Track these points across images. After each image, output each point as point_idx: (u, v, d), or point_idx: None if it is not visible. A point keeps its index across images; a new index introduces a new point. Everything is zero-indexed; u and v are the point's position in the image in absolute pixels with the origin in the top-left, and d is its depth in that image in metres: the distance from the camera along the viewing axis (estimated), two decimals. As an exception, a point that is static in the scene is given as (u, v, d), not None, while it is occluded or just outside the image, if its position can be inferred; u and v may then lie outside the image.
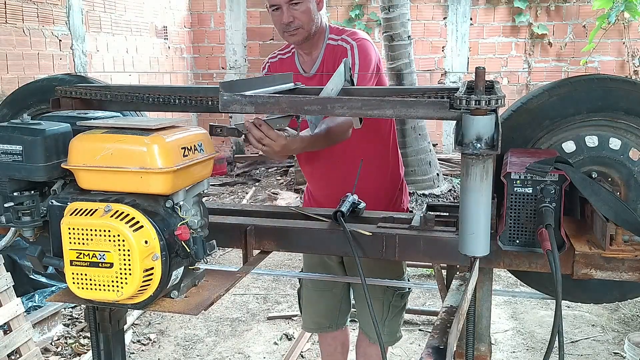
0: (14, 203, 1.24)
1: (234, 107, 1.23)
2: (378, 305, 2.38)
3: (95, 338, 1.66)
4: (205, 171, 1.35)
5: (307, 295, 2.57)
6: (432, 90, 1.51)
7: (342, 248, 1.50)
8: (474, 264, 1.19)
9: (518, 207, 1.34)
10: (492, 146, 1.08)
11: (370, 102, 1.15)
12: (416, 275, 5.00)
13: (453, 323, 0.90)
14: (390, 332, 2.44)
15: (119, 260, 1.17)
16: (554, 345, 1.23)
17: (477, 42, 8.01)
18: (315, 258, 2.46)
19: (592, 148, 1.59)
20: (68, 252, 1.19)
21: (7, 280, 3.30)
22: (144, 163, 1.19)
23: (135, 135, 1.21)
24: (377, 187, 2.18)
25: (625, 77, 1.64)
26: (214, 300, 1.30)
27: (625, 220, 1.33)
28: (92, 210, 1.19)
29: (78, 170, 1.23)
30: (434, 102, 1.17)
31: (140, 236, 1.17)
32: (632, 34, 7.49)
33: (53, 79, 1.84)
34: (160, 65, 7.67)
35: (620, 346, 3.63)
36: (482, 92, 1.09)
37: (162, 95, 1.50)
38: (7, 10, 5.05)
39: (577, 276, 1.37)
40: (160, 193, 1.23)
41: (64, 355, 3.73)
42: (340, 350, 2.71)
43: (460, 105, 1.10)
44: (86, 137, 1.23)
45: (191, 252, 1.25)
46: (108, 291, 1.18)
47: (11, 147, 1.23)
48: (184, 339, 3.99)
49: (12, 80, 5.11)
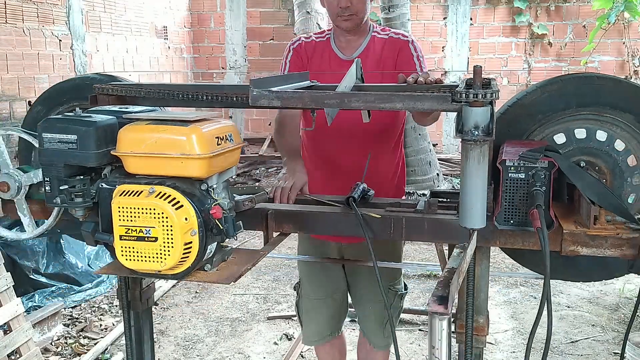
0: (68, 186, 1.46)
1: (262, 102, 1.45)
2: (379, 307, 2.54)
3: (127, 315, 1.87)
4: (234, 159, 1.57)
5: (308, 305, 2.64)
6: (435, 87, 1.74)
7: (354, 230, 1.70)
8: (472, 235, 1.41)
9: (512, 190, 1.54)
10: (488, 133, 1.30)
11: (382, 96, 1.37)
12: (416, 275, 5.15)
13: (454, 278, 1.12)
14: (389, 334, 2.58)
15: (162, 235, 1.37)
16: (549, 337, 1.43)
17: (477, 42, 8.16)
18: (316, 265, 2.59)
19: (580, 140, 1.77)
20: (118, 228, 1.39)
21: (7, 280, 3.40)
22: (184, 150, 1.41)
23: (176, 126, 1.43)
24: (384, 180, 2.36)
25: (610, 75, 1.85)
26: (242, 273, 1.51)
27: (607, 202, 1.54)
28: (138, 191, 1.40)
29: (126, 157, 1.44)
30: (438, 96, 1.40)
31: (181, 214, 1.38)
32: (632, 34, 7.65)
33: (85, 77, 2.06)
34: (160, 65, 7.80)
35: (620, 346, 3.62)
36: (479, 87, 1.32)
37: (191, 92, 1.72)
38: (7, 10, 5.18)
39: (565, 252, 1.57)
40: (197, 177, 1.44)
41: (64, 355, 3.84)
42: (338, 357, 2.81)
43: (461, 99, 1.32)
44: (133, 127, 1.45)
45: (223, 229, 1.46)
46: (153, 262, 1.39)
47: (67, 136, 1.44)
48: (184, 339, 4.09)
49: (12, 80, 5.25)
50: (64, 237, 4.73)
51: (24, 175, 1.74)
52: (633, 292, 4.61)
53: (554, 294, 4.72)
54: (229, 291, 4.92)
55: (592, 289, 4.84)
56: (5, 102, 5.19)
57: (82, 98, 1.96)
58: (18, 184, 1.72)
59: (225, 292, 4.91)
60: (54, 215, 1.69)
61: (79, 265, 4.75)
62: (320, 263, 2.55)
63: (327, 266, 2.56)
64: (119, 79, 1.99)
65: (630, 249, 1.51)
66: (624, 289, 4.67)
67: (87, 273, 4.79)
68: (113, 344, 3.97)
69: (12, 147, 4.62)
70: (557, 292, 4.75)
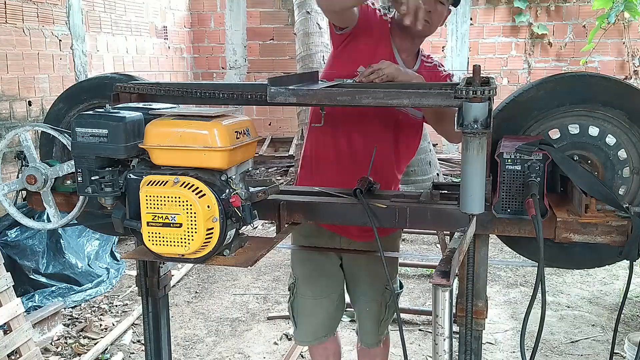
0: (99, 177, 1.62)
1: (279, 99, 1.62)
2: (376, 306, 2.64)
3: (146, 302, 2.03)
4: (251, 152, 1.73)
5: (304, 305, 2.69)
6: (437, 86, 1.92)
7: (361, 219, 1.87)
8: (471, 220, 1.57)
9: (509, 181, 1.69)
10: (486, 126, 1.47)
11: (391, 93, 1.55)
12: (416, 275, 5.27)
13: (454, 256, 1.28)
14: (382, 331, 2.70)
15: (186, 221, 1.53)
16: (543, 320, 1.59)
17: (477, 42, 8.29)
18: (313, 264, 2.66)
19: (574, 135, 1.90)
20: (145, 215, 1.55)
21: (7, 280, 3.46)
22: (206, 143, 1.57)
23: (199, 121, 1.59)
24: (389, 175, 2.46)
25: (601, 74, 2.01)
26: (258, 258, 1.67)
27: (598, 192, 1.69)
28: (164, 181, 1.56)
29: (153, 149, 1.60)
30: (441, 92, 1.58)
31: (203, 202, 1.54)
32: (632, 34, 7.78)
33: (104, 77, 2.22)
34: (160, 65, 7.91)
35: (620, 346, 3.76)
36: (479, 84, 1.49)
37: (207, 91, 1.88)
38: (7, 10, 5.23)
39: (559, 239, 1.71)
40: (218, 168, 1.60)
41: (64, 355, 3.91)
42: (332, 358, 2.85)
43: (462, 95, 1.49)
44: (159, 122, 1.61)
45: (241, 217, 1.62)
46: (177, 246, 1.55)
47: (98, 130, 1.61)
48: (184, 339, 4.16)
49: (12, 80, 5.31)
50: (64, 237, 4.83)
51: (50, 168, 1.90)
52: (633, 292, 4.72)
53: (554, 294, 4.84)
54: (229, 291, 5.03)
55: (592, 289, 4.95)
56: (5, 102, 5.26)
57: (102, 96, 2.12)
58: (44, 177, 1.88)
59: (225, 292, 5.02)
60: (79, 205, 1.86)
61: (79, 265, 4.84)
62: (317, 264, 2.64)
63: (324, 267, 2.64)
64: (137, 78, 2.15)
65: (619, 235, 1.66)
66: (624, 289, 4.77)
67: (87, 273, 4.88)
68: (113, 344, 4.05)
69: (13, 147, 4.75)
70: (557, 292, 4.86)
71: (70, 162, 1.84)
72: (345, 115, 2.34)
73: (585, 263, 2.04)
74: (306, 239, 2.62)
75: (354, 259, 2.62)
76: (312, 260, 2.65)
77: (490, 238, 1.86)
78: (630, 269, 1.75)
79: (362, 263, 2.62)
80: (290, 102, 1.61)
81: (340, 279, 2.69)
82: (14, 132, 1.93)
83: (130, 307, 4.68)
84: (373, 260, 2.55)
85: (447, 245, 1.45)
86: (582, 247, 1.86)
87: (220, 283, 5.21)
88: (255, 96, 1.78)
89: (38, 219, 3.82)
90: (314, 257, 2.65)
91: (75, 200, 1.89)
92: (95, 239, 5.17)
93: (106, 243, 5.29)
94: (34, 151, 1.93)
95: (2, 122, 5.23)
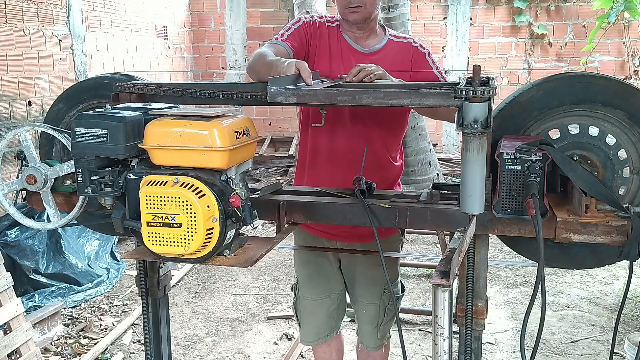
0: (99, 177, 1.62)
1: (279, 99, 1.62)
2: (374, 310, 2.63)
3: (145, 302, 2.03)
4: (251, 152, 1.73)
5: (306, 306, 2.70)
6: (437, 86, 1.91)
7: (361, 219, 1.86)
8: (471, 220, 1.57)
9: (509, 181, 1.69)
10: (486, 126, 1.47)
11: (391, 93, 1.54)
12: (416, 275, 5.26)
13: (454, 256, 1.28)
14: (382, 335, 2.69)
15: (186, 221, 1.52)
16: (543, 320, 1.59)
17: (477, 42, 8.31)
18: (313, 266, 2.66)
19: (574, 135, 1.90)
20: (145, 215, 1.55)
21: (7, 280, 3.45)
22: (206, 143, 1.56)
23: (199, 121, 1.59)
24: (384, 175, 2.43)
25: (601, 74, 2.01)
26: (258, 258, 1.67)
27: (597, 192, 1.69)
28: (164, 181, 1.56)
29: (152, 149, 1.60)
30: (441, 92, 1.57)
31: (203, 202, 1.53)
32: (632, 34, 7.80)
33: (104, 77, 2.22)
34: (160, 65, 7.92)
35: (620, 346, 3.77)
36: (478, 84, 1.49)
37: (207, 91, 1.88)
38: (7, 10, 5.24)
39: (559, 239, 1.71)
40: (218, 168, 1.59)
41: (64, 355, 3.91)
42: (335, 356, 2.85)
43: (462, 95, 1.49)
44: (159, 122, 1.61)
45: (241, 217, 1.62)
46: (177, 246, 1.55)
47: (98, 130, 1.60)
48: (184, 339, 4.16)
49: (12, 80, 5.32)
50: (64, 237, 4.84)
51: (49, 168, 1.89)
52: (633, 292, 4.72)
53: (554, 294, 4.84)
54: (229, 291, 5.03)
55: (592, 289, 4.95)
56: (5, 102, 5.26)
57: (102, 96, 2.12)
58: (44, 177, 1.88)
59: (225, 292, 5.02)
60: (79, 206, 1.86)
61: (79, 265, 4.84)
62: (317, 266, 2.64)
63: (324, 269, 2.65)
64: (137, 78, 2.15)
65: (619, 235, 1.66)
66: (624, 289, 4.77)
67: (87, 273, 4.88)
68: (113, 344, 4.05)
69: (13, 147, 4.75)
70: (557, 292, 4.87)
71: (70, 162, 1.83)
72: (336, 113, 2.34)
73: (585, 263, 2.04)
74: (305, 244, 2.64)
75: (351, 262, 2.62)
76: (311, 262, 2.66)
77: (490, 238, 1.86)
78: (630, 269, 1.75)
79: (360, 266, 2.62)
80: (290, 102, 1.61)
81: (340, 279, 2.69)
82: (14, 132, 1.93)
83: (130, 307, 4.68)
84: (370, 263, 2.56)
85: (447, 245, 1.45)
86: (582, 247, 1.86)
87: (220, 283, 5.21)
88: (255, 96, 1.78)
89: (38, 219, 3.84)
90: (313, 259, 2.66)
91: (75, 200, 1.89)
92: (95, 239, 5.17)
93: (106, 243, 5.29)
94: (33, 151, 1.92)
95: (2, 122, 5.24)
